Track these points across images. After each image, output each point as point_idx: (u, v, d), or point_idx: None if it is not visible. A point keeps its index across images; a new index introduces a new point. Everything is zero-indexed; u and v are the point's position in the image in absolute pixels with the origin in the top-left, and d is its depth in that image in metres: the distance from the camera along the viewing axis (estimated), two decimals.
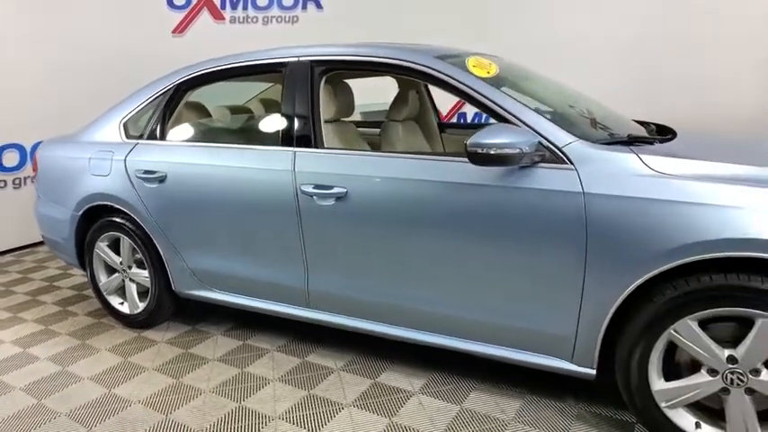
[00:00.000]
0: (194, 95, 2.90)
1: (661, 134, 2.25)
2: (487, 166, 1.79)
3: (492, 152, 1.73)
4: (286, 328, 2.80)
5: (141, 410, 2.19)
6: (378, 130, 3.02)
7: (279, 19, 5.89)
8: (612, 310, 1.72)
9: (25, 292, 3.68)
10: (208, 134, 2.89)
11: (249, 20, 5.84)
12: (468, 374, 2.30)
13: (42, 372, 2.55)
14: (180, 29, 5.59)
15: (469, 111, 5.69)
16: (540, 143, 1.79)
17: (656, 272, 1.62)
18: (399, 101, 2.93)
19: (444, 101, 4.63)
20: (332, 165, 2.16)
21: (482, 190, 1.87)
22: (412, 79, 2.61)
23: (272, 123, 2.43)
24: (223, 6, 5.76)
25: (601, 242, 1.70)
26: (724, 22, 4.42)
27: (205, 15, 5.72)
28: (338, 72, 2.35)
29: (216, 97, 3.28)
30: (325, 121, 2.36)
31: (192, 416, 2.13)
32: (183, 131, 2.76)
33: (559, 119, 2.02)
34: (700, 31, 4.53)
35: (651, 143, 1.94)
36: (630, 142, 1.88)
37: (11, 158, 4.63)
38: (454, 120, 5.69)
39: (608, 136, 1.99)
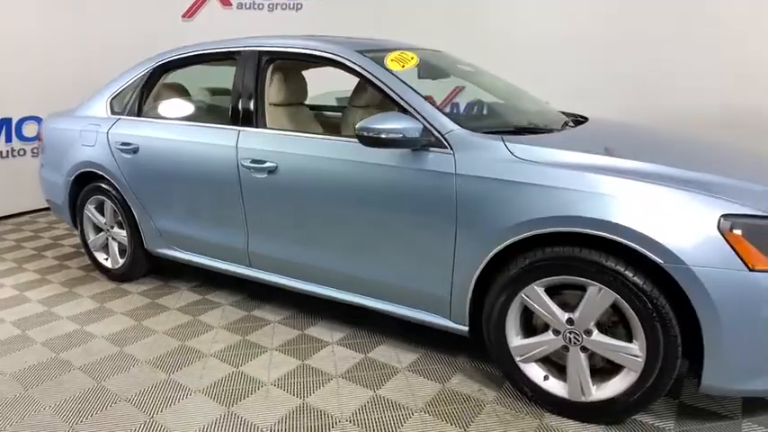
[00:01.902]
0: (176, 77, 3.26)
1: (576, 125, 2.51)
2: (374, 148, 2.08)
3: (381, 136, 2.02)
4: (242, 287, 3.17)
5: (102, 343, 2.60)
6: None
7: (284, 6, 6.20)
8: (476, 276, 2.01)
9: (33, 247, 4.16)
10: (176, 112, 3.19)
11: (255, 6, 6.16)
12: (382, 331, 2.62)
13: (31, 311, 2.99)
14: (189, 13, 5.96)
15: (461, 102, 5.92)
16: (428, 130, 2.08)
17: (506, 244, 1.90)
18: (360, 88, 3.21)
19: (440, 91, 4.89)
20: (266, 142, 2.49)
21: (381, 169, 2.17)
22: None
23: (227, 104, 2.75)
24: None
25: (466, 216, 1.98)
26: (693, 22, 4.54)
27: (213, 1, 6.07)
28: (282, 61, 2.66)
29: (217, 79, 3.56)
30: (273, 105, 2.68)
31: (141, 349, 2.53)
32: (156, 109, 3.13)
33: (459, 108, 2.29)
34: (668, 31, 4.66)
35: (536, 133, 2.20)
36: (512, 132, 2.14)
37: (31, 129, 5.11)
38: (447, 109, 5.92)
39: (495, 125, 2.25)
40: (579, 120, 2.70)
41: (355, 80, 2.87)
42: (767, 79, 4.43)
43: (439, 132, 2.07)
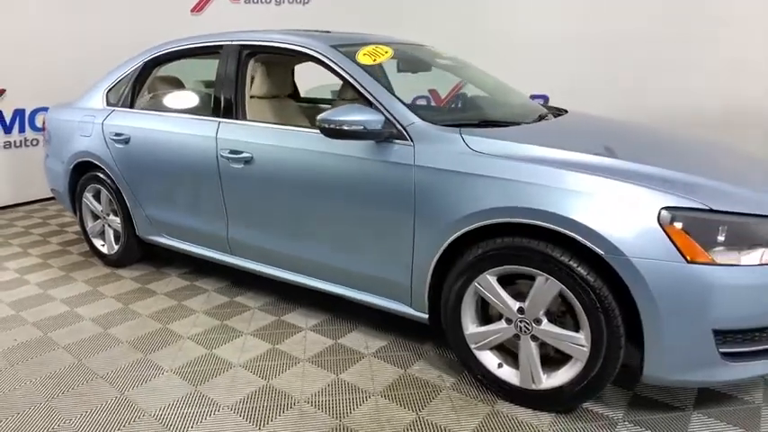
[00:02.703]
0: (172, 70, 3.37)
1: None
2: (335, 139, 2.15)
3: (343, 128, 2.09)
4: (229, 274, 3.27)
5: (89, 325, 2.73)
6: None
7: (291, 0, 6.30)
8: (433, 265, 2.07)
9: (40, 233, 4.33)
10: (165, 104, 3.28)
11: (263, 0, 6.27)
12: (357, 318, 2.69)
13: (28, 293, 3.15)
14: (198, 8, 6.08)
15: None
16: (390, 122, 2.14)
17: (458, 234, 1.96)
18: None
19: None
20: (243, 134, 2.59)
21: (347, 160, 2.24)
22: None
23: (210, 96, 2.85)
24: None
25: (424, 206, 2.04)
26: (693, 22, 4.50)
27: None
28: (261, 55, 2.74)
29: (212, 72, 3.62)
30: (253, 97, 2.78)
31: (124, 331, 2.65)
32: (147, 101, 3.26)
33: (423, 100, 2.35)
34: (668, 31, 4.63)
35: (501, 126, 2.24)
36: (476, 125, 2.20)
37: (42, 120, 5.31)
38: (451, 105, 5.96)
39: (460, 118, 2.30)
40: (559, 113, 2.74)
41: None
42: (767, 79, 4.39)
43: (401, 124, 2.13)
